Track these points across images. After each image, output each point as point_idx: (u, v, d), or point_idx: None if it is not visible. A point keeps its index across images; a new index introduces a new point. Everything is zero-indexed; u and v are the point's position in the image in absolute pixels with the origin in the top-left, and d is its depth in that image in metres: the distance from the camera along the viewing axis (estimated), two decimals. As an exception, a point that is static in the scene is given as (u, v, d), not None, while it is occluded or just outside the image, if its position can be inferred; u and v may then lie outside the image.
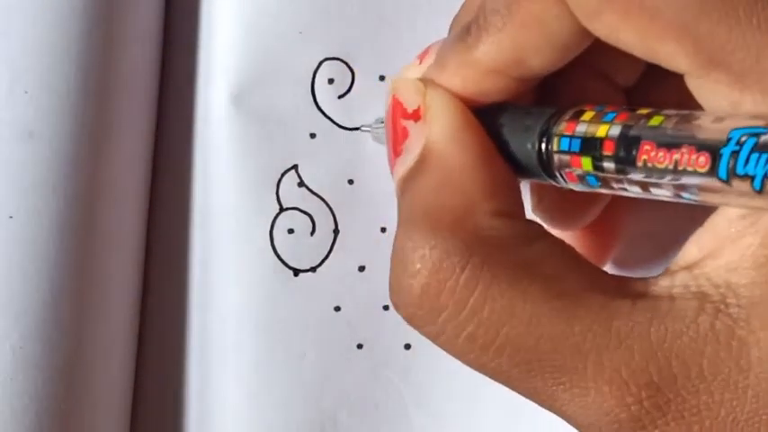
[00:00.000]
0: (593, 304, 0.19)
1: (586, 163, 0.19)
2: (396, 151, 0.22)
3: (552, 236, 0.21)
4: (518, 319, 0.19)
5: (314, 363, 0.29)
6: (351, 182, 0.30)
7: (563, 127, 0.20)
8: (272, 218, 0.30)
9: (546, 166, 0.21)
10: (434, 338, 0.21)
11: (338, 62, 0.30)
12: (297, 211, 0.30)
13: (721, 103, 0.19)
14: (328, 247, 0.30)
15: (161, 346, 0.30)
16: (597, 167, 0.19)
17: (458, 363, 0.20)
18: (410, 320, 0.21)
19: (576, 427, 0.20)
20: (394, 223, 0.29)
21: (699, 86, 0.19)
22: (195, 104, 0.31)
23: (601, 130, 0.19)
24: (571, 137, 0.20)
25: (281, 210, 0.30)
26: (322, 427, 0.29)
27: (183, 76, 0.31)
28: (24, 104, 0.27)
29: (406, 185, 0.22)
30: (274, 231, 0.30)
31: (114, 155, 0.29)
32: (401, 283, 0.21)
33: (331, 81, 0.30)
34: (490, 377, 0.20)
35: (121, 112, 0.29)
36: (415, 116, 0.22)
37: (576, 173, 0.20)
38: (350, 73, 0.30)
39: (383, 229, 0.30)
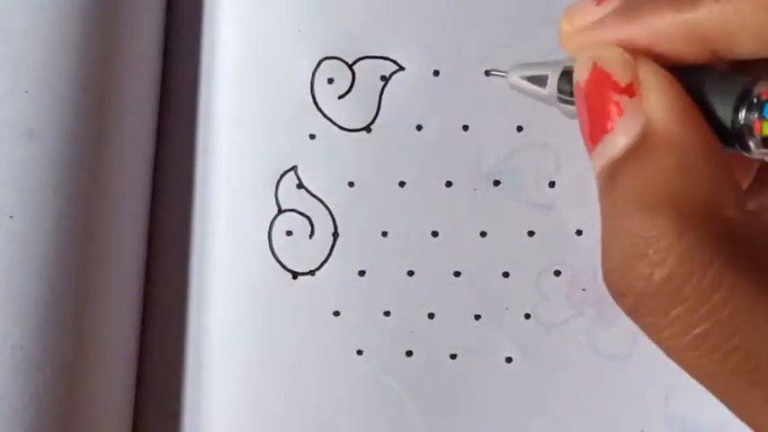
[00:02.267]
0: None
1: None
2: (603, 128, 0.21)
3: None
4: (759, 325, 0.18)
5: (312, 368, 0.29)
6: (351, 184, 0.30)
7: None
8: (271, 219, 0.30)
9: (740, 132, 0.20)
10: (657, 331, 0.20)
11: (338, 61, 0.30)
12: (295, 213, 0.30)
13: None
14: (327, 251, 0.29)
15: (160, 349, 0.30)
16: None
17: (458, 369, 0.20)
18: (636, 310, 0.20)
19: None
20: (395, 227, 0.30)
21: None
22: (196, 104, 0.31)
23: None
24: None
25: (280, 211, 0.30)
26: (321, 433, 0.29)
27: (184, 76, 0.31)
28: (25, 104, 0.27)
29: (626, 166, 0.20)
30: (273, 233, 0.30)
31: (115, 155, 0.29)
32: (637, 271, 0.19)
33: (331, 81, 0.30)
34: (701, 380, 0.20)
35: (122, 112, 0.29)
36: (629, 91, 0.21)
37: None
38: (350, 73, 0.30)
39: (384, 234, 0.29)
